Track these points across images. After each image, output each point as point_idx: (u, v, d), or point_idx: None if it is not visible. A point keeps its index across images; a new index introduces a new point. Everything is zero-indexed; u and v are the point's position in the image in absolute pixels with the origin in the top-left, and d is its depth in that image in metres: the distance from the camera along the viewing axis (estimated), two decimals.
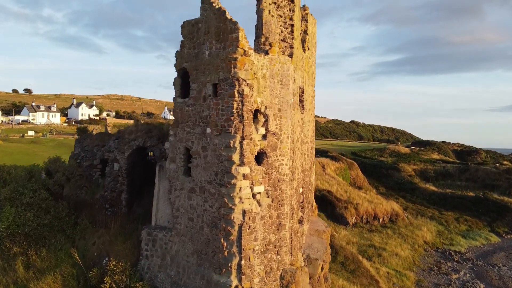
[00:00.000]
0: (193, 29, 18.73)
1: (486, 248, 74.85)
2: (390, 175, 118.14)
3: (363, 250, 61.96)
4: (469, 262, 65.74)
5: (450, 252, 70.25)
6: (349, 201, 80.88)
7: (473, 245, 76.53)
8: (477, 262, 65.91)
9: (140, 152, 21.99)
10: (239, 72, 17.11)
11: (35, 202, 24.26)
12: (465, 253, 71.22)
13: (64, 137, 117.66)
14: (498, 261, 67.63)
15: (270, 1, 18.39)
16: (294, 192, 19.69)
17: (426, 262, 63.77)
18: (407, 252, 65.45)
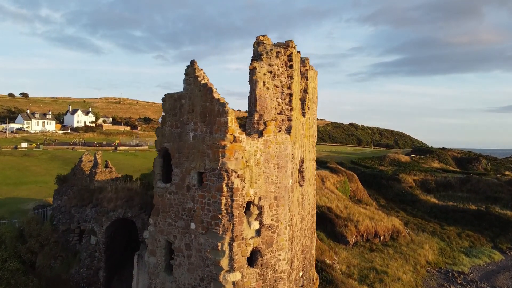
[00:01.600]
0: (175, 104, 16.49)
1: (489, 268, 72.88)
2: (390, 186, 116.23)
3: (364, 275, 59.97)
4: (473, 285, 63.74)
5: (453, 273, 68.24)
6: (349, 218, 78.89)
7: (476, 263, 74.55)
8: (482, 285, 63.93)
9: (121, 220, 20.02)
10: (228, 163, 15.07)
11: (4, 276, 22.00)
12: (468, 273, 69.23)
13: (58, 148, 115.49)
14: (503, 283, 65.66)
15: (265, 70, 16.21)
16: (293, 285, 17.65)
17: (429, 286, 61.77)
18: (409, 275, 63.44)
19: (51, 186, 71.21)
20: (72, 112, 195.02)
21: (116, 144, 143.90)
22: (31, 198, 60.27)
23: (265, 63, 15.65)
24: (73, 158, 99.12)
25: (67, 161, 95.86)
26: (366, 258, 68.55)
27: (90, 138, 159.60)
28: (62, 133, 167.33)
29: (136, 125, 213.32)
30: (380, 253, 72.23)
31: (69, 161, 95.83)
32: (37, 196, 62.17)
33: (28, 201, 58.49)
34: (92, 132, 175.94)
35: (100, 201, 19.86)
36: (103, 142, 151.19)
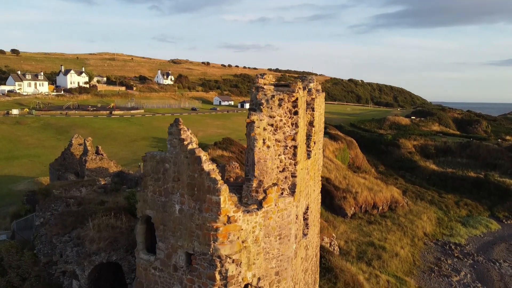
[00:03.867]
0: (158, 167, 14.13)
1: (486, 239, 73.28)
2: (390, 152, 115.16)
3: (362, 251, 60.01)
4: (470, 258, 64.14)
5: (450, 246, 68.55)
6: (348, 189, 78.22)
7: (473, 234, 74.91)
8: (478, 258, 64.33)
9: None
10: (222, 249, 12.71)
11: None
12: (465, 245, 69.61)
13: (51, 114, 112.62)
14: (499, 256, 66.11)
15: (264, 123, 13.55)
16: None
17: (426, 260, 62.06)
18: (407, 249, 63.61)
19: (43, 160, 69.53)
20: (65, 72, 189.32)
21: (111, 107, 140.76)
22: (23, 177, 58.69)
23: (265, 115, 13.33)
24: (66, 127, 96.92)
25: (60, 130, 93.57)
26: (364, 232, 68.52)
27: (84, 101, 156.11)
28: (55, 95, 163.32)
29: (131, 85, 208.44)
30: (378, 225, 72.20)
31: (62, 130, 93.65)
32: (29, 174, 60.60)
33: (19, 180, 56.96)
34: (86, 93, 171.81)
35: (81, 240, 18.10)
36: (98, 105, 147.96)
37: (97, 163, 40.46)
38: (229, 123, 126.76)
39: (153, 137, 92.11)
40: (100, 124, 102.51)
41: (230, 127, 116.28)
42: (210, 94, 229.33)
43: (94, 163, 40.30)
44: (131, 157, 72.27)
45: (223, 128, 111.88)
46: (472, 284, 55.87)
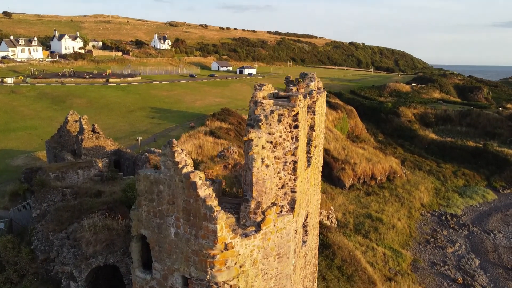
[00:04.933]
0: (152, 188, 13.58)
1: (482, 209, 74.21)
2: (389, 120, 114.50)
3: (360, 223, 60.80)
4: (465, 229, 65.18)
5: (446, 216, 69.48)
6: (346, 160, 78.33)
7: (470, 204, 75.79)
8: (473, 228, 65.37)
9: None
10: (219, 276, 12.50)
11: None
12: (461, 216, 70.57)
13: (46, 82, 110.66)
14: (494, 226, 67.16)
15: (263, 141, 12.75)
16: None
17: (422, 231, 63.06)
18: (404, 220, 64.49)
19: (40, 133, 68.93)
20: (59, 37, 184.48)
21: (107, 74, 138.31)
22: (20, 151, 58.31)
23: (264, 132, 12.64)
24: (62, 96, 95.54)
25: (56, 99, 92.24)
26: (362, 203, 69.20)
27: (80, 67, 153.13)
28: (50, 61, 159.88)
29: (128, 50, 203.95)
30: (376, 196, 72.81)
31: (58, 100, 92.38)
32: (26, 147, 60.18)
33: (17, 155, 56.63)
34: (82, 59, 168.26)
35: (78, 241, 17.89)
36: (94, 72, 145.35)
37: (94, 142, 39.95)
38: (228, 91, 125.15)
39: (151, 107, 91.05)
40: (96, 93, 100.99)
41: (229, 96, 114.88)
42: (208, 59, 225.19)
43: (91, 141, 39.80)
44: (129, 129, 71.61)
45: (221, 97, 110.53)
46: (467, 255, 57.02)
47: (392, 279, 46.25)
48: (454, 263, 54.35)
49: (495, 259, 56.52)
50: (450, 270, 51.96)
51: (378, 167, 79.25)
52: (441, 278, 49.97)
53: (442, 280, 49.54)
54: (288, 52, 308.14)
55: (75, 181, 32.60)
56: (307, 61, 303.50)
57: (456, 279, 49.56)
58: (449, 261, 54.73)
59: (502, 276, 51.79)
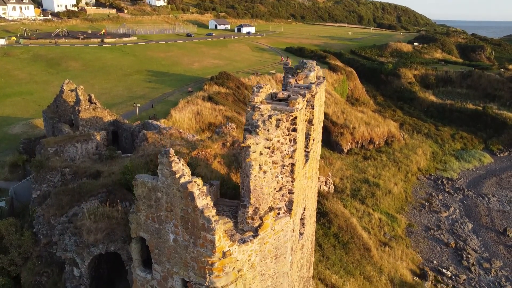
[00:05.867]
0: (150, 195, 13.35)
1: (478, 172, 75.14)
2: (389, 82, 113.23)
3: (357, 188, 61.66)
4: (460, 193, 66.32)
5: (442, 180, 70.45)
6: (345, 125, 78.26)
7: (466, 168, 76.66)
8: (468, 192, 66.52)
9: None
10: (217, 281, 12.79)
11: None
12: (457, 179, 71.56)
13: (40, 43, 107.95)
14: (488, 190, 68.31)
15: (261, 148, 12.46)
16: None
17: (418, 196, 64.17)
18: (400, 185, 65.41)
19: (36, 99, 68.17)
20: None
21: (102, 34, 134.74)
22: (17, 118, 57.96)
23: (261, 137, 12.40)
24: (57, 59, 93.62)
25: (51, 62, 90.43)
26: (360, 168, 69.86)
27: (74, 26, 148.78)
28: (42, 20, 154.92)
29: (122, 7, 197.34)
30: (373, 161, 73.37)
31: (53, 63, 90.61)
32: (23, 114, 59.77)
33: (14, 122, 56.34)
34: (75, 17, 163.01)
35: (79, 229, 18.07)
36: (88, 32, 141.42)
37: (91, 113, 39.65)
38: (226, 51, 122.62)
39: (147, 70, 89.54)
40: (91, 55, 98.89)
41: (227, 57, 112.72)
42: (205, 16, 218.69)
43: (88, 112, 39.49)
44: (126, 94, 70.85)
45: (219, 58, 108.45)
46: (460, 219, 58.41)
47: (387, 244, 47.62)
48: (448, 227, 55.78)
49: (487, 223, 57.98)
50: (444, 234, 53.42)
51: (376, 131, 79.34)
52: (434, 242, 51.47)
53: (435, 244, 51.04)
54: (288, 9, 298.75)
55: (73, 154, 32.68)
56: (307, 18, 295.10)
57: (448, 243, 51.07)
58: (442, 225, 56.13)
59: (494, 240, 53.34)
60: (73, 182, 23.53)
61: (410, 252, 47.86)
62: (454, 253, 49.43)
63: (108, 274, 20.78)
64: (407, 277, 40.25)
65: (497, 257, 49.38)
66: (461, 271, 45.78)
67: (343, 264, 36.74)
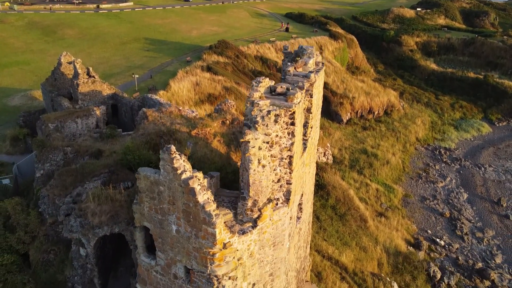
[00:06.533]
0: (152, 188, 13.74)
1: (476, 142, 75.69)
2: (391, 49, 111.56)
3: (355, 159, 62.28)
4: (457, 163, 67.13)
5: (440, 150, 71.09)
6: (345, 94, 77.93)
7: (464, 138, 77.14)
8: (465, 163, 67.33)
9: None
10: (218, 270, 13.42)
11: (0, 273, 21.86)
12: (454, 149, 72.21)
13: (34, 9, 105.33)
14: (485, 160, 69.12)
15: (260, 142, 12.66)
16: None
17: (415, 166, 65.01)
18: (398, 155, 66.09)
19: (33, 69, 67.47)
20: None
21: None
22: (15, 89, 57.65)
23: (260, 133, 12.55)
24: (52, 26, 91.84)
25: (47, 30, 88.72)
26: (358, 138, 70.24)
27: None
28: None
29: None
30: (372, 131, 73.63)
31: (49, 30, 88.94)
32: (21, 85, 59.42)
33: (12, 93, 56.10)
34: None
35: (83, 211, 18.55)
36: None
37: (90, 87, 39.52)
38: (225, 18, 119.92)
39: (145, 38, 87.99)
40: (87, 22, 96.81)
41: (226, 24, 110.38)
42: None
43: (87, 86, 39.36)
44: (124, 64, 70.10)
45: (218, 25, 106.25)
46: (456, 189, 59.52)
47: (383, 214, 48.81)
48: (443, 197, 56.93)
49: (482, 193, 59.12)
50: (439, 204, 54.62)
51: (376, 101, 79.14)
52: (429, 212, 52.74)
53: (430, 214, 52.33)
54: None
55: (74, 130, 32.96)
56: None
57: (443, 213, 52.34)
58: (438, 195, 57.26)
59: (488, 209, 54.61)
60: (75, 160, 23.99)
61: (406, 222, 49.15)
62: (448, 223, 50.78)
63: (113, 253, 21.65)
64: (401, 247, 41.57)
65: (490, 226, 50.78)
66: (454, 240, 47.25)
67: (340, 236, 37.86)
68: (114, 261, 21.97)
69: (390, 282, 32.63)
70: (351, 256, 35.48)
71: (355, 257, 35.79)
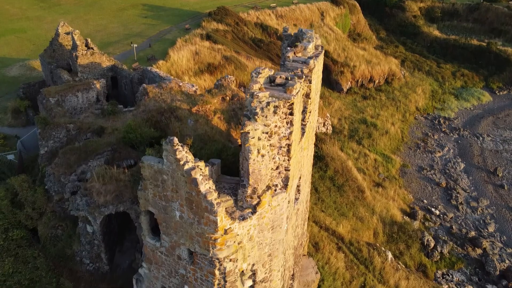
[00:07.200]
0: (156, 176, 14.11)
1: (475, 111, 75.79)
2: (393, 15, 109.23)
3: (354, 129, 62.61)
4: (456, 133, 67.61)
5: (439, 120, 71.35)
6: (345, 63, 77.19)
7: (464, 107, 77.17)
8: (464, 132, 67.79)
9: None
10: (220, 253, 14.07)
11: (10, 247, 22.51)
12: (454, 119, 72.45)
13: None
14: (484, 130, 69.55)
15: (259, 133, 12.92)
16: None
17: (414, 136, 65.49)
18: (398, 125, 66.40)
19: (30, 37, 66.50)
20: None
21: None
22: (12, 59, 57.08)
23: (260, 124, 12.80)
24: None
25: None
26: (358, 108, 70.22)
27: None
28: None
29: None
30: (372, 100, 73.47)
31: None
32: (19, 55, 58.82)
33: (10, 63, 55.63)
34: None
35: (89, 190, 19.02)
36: None
37: (89, 59, 39.27)
38: None
39: (143, 3, 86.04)
40: None
41: None
42: None
43: (86, 58, 39.10)
44: (122, 32, 69.07)
45: None
46: (453, 159, 60.26)
47: (380, 184, 49.75)
48: (441, 167, 57.76)
49: (479, 162, 59.93)
50: (436, 174, 55.52)
51: (377, 69, 78.50)
52: (426, 182, 53.72)
53: (426, 184, 53.33)
54: None
55: (75, 104, 33.18)
56: None
57: (440, 183, 53.32)
58: (436, 165, 58.08)
59: (484, 179, 55.57)
60: (78, 137, 24.40)
61: (402, 192, 50.19)
62: (444, 193, 51.86)
63: (118, 228, 22.51)
64: (397, 217, 42.75)
65: (485, 196, 51.89)
66: (449, 210, 48.45)
67: (337, 206, 38.87)
68: (120, 236, 22.86)
69: (385, 252, 33.89)
70: (348, 227, 36.61)
71: (352, 227, 36.93)
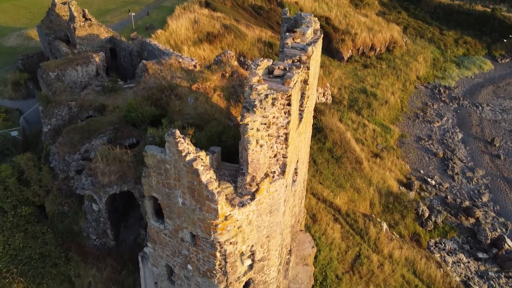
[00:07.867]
0: (159, 165, 14.56)
1: (476, 80, 75.47)
2: None
3: (354, 99, 62.61)
4: (455, 102, 67.71)
5: (439, 89, 71.18)
6: (347, 30, 75.97)
7: (465, 76, 76.75)
8: (463, 102, 67.88)
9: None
10: (221, 237, 14.77)
11: (19, 223, 23.14)
12: (454, 88, 72.24)
13: None
14: (484, 99, 69.60)
15: (258, 124, 13.21)
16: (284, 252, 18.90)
17: (413, 105, 65.60)
18: (397, 95, 66.33)
19: (26, 5, 65.15)
20: None
21: None
22: (9, 28, 56.28)
23: (258, 115, 13.08)
24: None
25: None
26: (359, 77, 69.80)
27: None
28: None
29: None
30: (373, 69, 72.88)
31: None
32: (15, 23, 57.92)
33: (7, 32, 54.92)
34: None
35: (93, 170, 19.45)
36: None
37: (87, 30, 38.87)
38: None
39: None
40: None
41: None
42: None
43: (84, 30, 38.70)
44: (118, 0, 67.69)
45: None
46: (451, 129, 60.69)
47: (378, 155, 50.40)
48: (439, 137, 58.28)
49: (477, 132, 60.40)
50: (434, 144, 56.13)
51: (378, 37, 77.40)
52: (423, 152, 54.39)
53: (424, 154, 54.02)
54: None
55: (75, 78, 33.29)
56: None
57: (437, 153, 54.01)
58: (434, 135, 58.60)
59: (481, 149, 56.24)
60: (80, 115, 24.77)
61: (400, 162, 50.93)
62: (441, 163, 52.66)
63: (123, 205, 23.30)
64: (393, 187, 43.70)
65: (481, 166, 52.71)
66: (445, 180, 49.42)
67: (335, 178, 39.71)
68: (124, 213, 23.71)
69: (380, 223, 35.01)
70: (345, 198, 37.59)
71: (349, 199, 37.93)
